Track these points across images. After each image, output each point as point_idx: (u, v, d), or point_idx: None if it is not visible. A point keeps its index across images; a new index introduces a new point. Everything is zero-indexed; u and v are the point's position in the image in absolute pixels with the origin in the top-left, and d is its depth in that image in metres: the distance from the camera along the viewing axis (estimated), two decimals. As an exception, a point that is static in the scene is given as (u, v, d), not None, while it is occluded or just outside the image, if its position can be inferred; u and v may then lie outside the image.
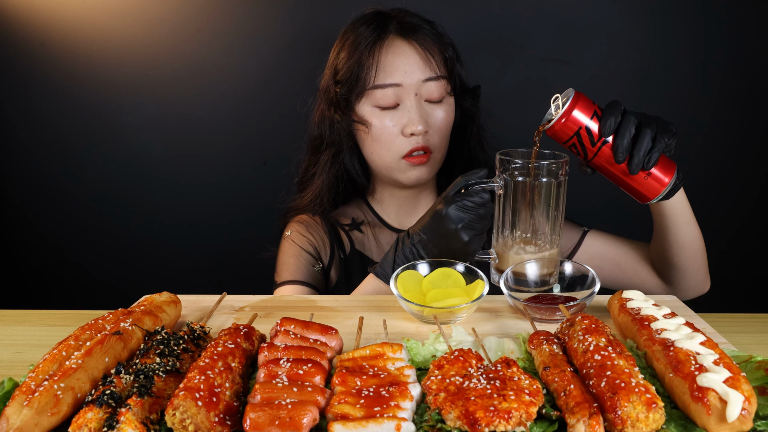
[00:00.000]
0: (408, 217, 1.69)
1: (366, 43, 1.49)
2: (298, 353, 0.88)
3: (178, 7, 2.04)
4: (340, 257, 1.63)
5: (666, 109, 2.08)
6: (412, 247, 1.28)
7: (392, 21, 1.53)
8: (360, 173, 1.66)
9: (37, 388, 0.76)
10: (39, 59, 2.08)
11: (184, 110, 2.12)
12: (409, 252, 1.28)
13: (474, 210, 1.22)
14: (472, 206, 1.22)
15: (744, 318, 1.17)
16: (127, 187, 2.19)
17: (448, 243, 1.24)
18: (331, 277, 1.63)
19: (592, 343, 0.85)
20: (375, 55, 1.48)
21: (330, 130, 1.59)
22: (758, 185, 2.13)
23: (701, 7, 2.00)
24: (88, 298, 2.27)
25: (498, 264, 1.27)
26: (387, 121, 1.50)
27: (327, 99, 1.58)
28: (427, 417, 0.77)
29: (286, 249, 1.62)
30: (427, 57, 1.50)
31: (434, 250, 1.26)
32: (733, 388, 0.72)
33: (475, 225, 1.23)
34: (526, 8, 2.02)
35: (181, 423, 0.72)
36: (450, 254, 1.25)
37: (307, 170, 1.67)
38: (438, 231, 1.24)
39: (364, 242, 1.66)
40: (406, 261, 1.27)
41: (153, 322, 1.00)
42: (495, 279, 1.27)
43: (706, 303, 1.24)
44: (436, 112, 1.52)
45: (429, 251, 1.26)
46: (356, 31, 1.52)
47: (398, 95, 1.49)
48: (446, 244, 1.24)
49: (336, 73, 1.55)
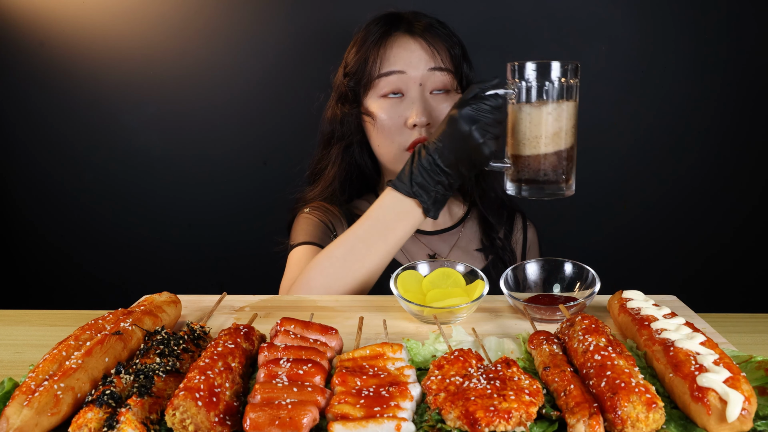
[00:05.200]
0: None
1: (374, 38, 1.55)
2: (298, 353, 0.88)
3: (178, 7, 2.04)
4: None
5: (666, 109, 2.08)
6: (429, 157, 1.28)
7: (403, 20, 1.58)
8: (370, 166, 1.70)
9: (37, 388, 0.76)
10: (39, 59, 2.08)
11: (184, 110, 2.12)
12: (426, 161, 1.28)
13: (488, 113, 1.22)
14: (486, 108, 1.22)
15: (744, 318, 1.17)
16: (127, 187, 2.19)
17: (463, 147, 1.24)
18: None
19: (592, 343, 0.84)
20: (381, 48, 1.54)
21: (340, 124, 1.63)
22: (758, 185, 2.13)
23: (701, 8, 2.00)
24: (88, 298, 2.27)
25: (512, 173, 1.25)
26: (392, 113, 1.54)
27: (338, 93, 1.63)
28: (427, 417, 0.77)
29: (301, 221, 1.64)
30: (433, 51, 1.54)
31: (450, 157, 1.26)
32: (733, 388, 0.72)
33: (488, 128, 1.23)
34: (527, 9, 2.02)
35: (181, 423, 0.72)
36: (466, 160, 1.25)
37: (318, 163, 1.72)
38: (453, 135, 1.25)
39: None
40: (423, 171, 1.28)
41: (153, 322, 1.00)
42: (510, 189, 1.26)
43: (706, 303, 1.24)
44: (442, 105, 1.54)
45: (445, 158, 1.26)
46: (367, 29, 1.59)
47: (402, 85, 1.53)
48: (461, 149, 1.24)
49: (346, 67, 1.61)
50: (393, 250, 1.33)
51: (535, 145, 1.20)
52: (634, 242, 2.18)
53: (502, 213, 1.78)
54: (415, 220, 1.32)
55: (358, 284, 1.32)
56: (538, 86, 1.19)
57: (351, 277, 1.31)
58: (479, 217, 1.76)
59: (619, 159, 2.13)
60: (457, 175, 1.28)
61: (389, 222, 1.32)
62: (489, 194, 1.75)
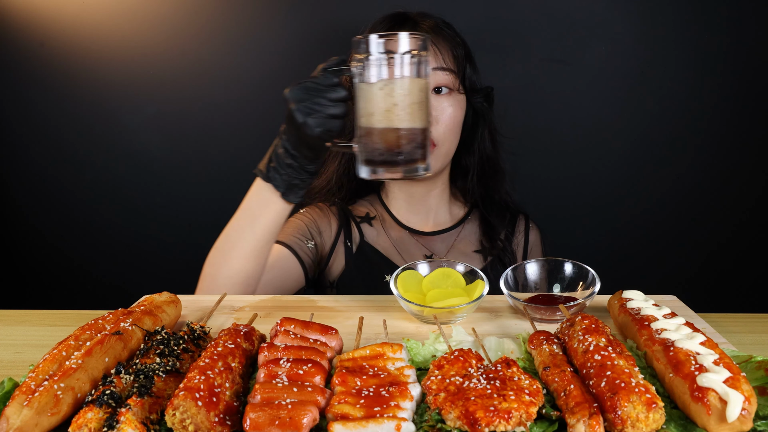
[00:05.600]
0: (417, 213, 1.73)
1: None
2: (298, 353, 0.88)
3: (178, 7, 2.04)
4: (347, 245, 1.67)
5: (666, 109, 2.08)
6: (281, 142, 1.26)
7: (409, 20, 1.58)
8: None
9: (37, 388, 0.76)
10: (39, 59, 2.08)
11: (184, 110, 2.12)
12: (280, 146, 1.26)
13: (318, 92, 1.16)
14: (315, 87, 1.17)
15: (744, 318, 1.17)
16: (127, 187, 2.19)
17: (293, 128, 1.20)
18: (335, 262, 1.67)
19: (592, 343, 0.84)
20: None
21: None
22: (758, 185, 2.13)
23: (701, 8, 2.00)
24: (88, 298, 2.27)
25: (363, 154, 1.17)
26: None
27: None
28: (427, 417, 0.77)
29: (290, 219, 1.67)
30: (436, 51, 1.54)
31: (292, 140, 1.23)
32: (733, 388, 0.72)
33: (315, 108, 1.16)
34: (527, 9, 2.02)
35: (181, 423, 0.72)
36: (302, 143, 1.21)
37: None
38: (287, 116, 1.21)
39: (375, 236, 1.70)
40: (276, 156, 1.26)
41: (153, 322, 1.00)
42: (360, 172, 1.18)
43: (706, 303, 1.24)
44: (443, 105, 1.55)
45: (291, 142, 1.23)
46: (373, 29, 1.58)
47: None
48: (294, 130, 1.20)
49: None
50: (262, 237, 1.33)
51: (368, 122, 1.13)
52: (634, 242, 2.18)
53: (504, 215, 1.78)
54: (278, 207, 1.30)
55: (236, 273, 1.33)
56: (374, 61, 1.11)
57: (228, 265, 1.33)
58: (480, 219, 1.76)
59: (619, 159, 2.13)
60: (304, 157, 1.24)
61: (254, 210, 1.32)
62: (492, 196, 1.75)
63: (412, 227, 1.72)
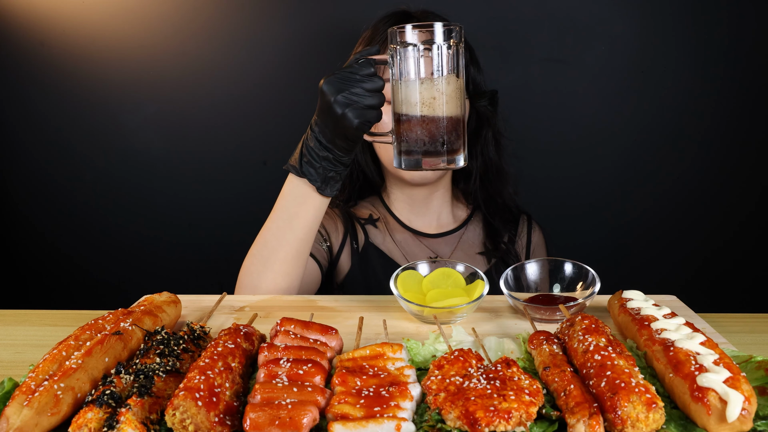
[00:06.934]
0: (420, 216, 1.72)
1: (381, 36, 1.53)
2: (298, 353, 0.88)
3: (178, 7, 2.04)
4: (353, 246, 1.66)
5: (666, 109, 2.08)
6: (312, 135, 1.24)
7: (412, 19, 1.56)
8: (372, 169, 1.71)
9: (37, 388, 0.76)
10: (39, 59, 2.08)
11: (184, 110, 2.12)
12: (311, 139, 1.23)
13: (354, 83, 1.14)
14: (352, 78, 1.15)
15: (744, 318, 1.17)
16: (127, 187, 2.19)
17: (330, 120, 1.17)
18: (342, 264, 1.66)
19: (592, 343, 0.84)
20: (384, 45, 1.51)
21: None
22: (758, 185, 2.13)
23: (701, 8, 2.00)
24: (88, 298, 2.27)
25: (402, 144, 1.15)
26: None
27: None
28: (427, 417, 0.77)
29: None
30: None
31: (327, 132, 1.21)
32: (733, 388, 0.72)
33: (353, 99, 1.14)
34: (527, 9, 2.02)
35: (181, 423, 0.72)
36: (339, 134, 1.19)
37: None
38: (322, 108, 1.19)
39: (379, 237, 1.70)
40: (309, 150, 1.24)
41: (153, 322, 1.00)
42: (396, 162, 1.17)
43: (706, 303, 1.24)
44: None
45: (324, 134, 1.21)
46: (375, 27, 1.57)
47: None
48: (331, 122, 1.18)
49: None
50: (303, 236, 1.31)
51: (408, 114, 1.12)
52: (634, 242, 2.18)
53: (507, 216, 1.76)
54: (315, 202, 1.28)
55: (281, 277, 1.30)
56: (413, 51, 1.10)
57: (271, 271, 1.30)
58: (483, 221, 1.75)
59: (619, 159, 2.13)
60: (339, 149, 1.23)
61: (291, 209, 1.30)
62: (494, 198, 1.74)
63: (415, 229, 1.72)
